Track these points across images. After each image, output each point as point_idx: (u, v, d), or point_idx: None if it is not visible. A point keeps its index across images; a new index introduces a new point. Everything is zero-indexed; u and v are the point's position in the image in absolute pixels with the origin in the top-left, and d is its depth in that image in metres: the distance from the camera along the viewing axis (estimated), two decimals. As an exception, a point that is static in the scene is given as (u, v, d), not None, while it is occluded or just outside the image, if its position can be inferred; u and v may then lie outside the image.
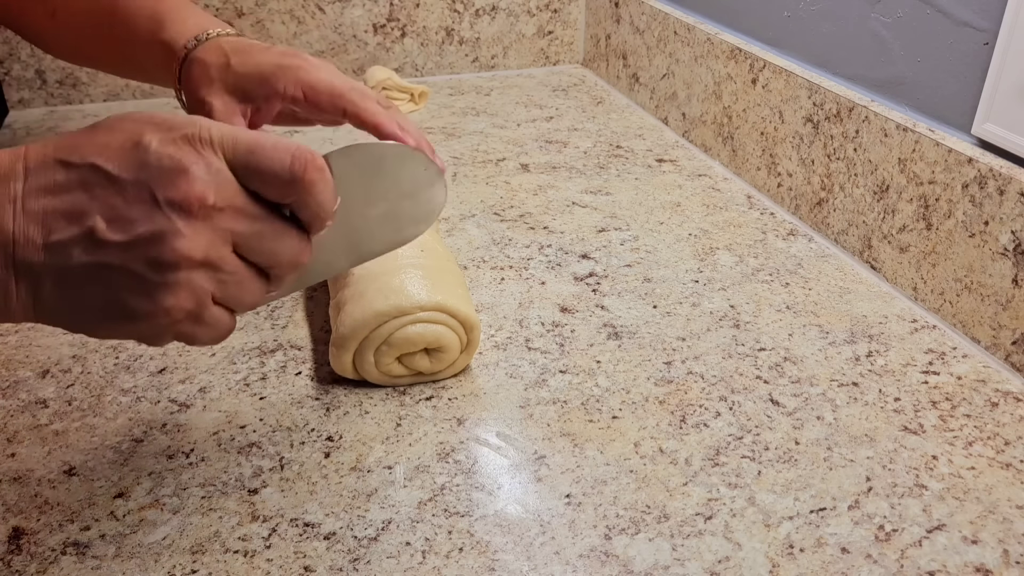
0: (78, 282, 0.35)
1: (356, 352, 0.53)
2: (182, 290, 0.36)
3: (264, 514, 0.45)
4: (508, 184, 0.84)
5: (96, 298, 0.36)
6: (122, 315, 0.36)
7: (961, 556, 0.43)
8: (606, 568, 0.42)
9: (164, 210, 0.35)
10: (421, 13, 1.10)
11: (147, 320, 0.36)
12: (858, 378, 0.56)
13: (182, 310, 0.36)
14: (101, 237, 0.34)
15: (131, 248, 0.35)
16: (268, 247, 0.38)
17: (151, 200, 0.35)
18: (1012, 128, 0.57)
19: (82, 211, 0.35)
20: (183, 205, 0.35)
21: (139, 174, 0.35)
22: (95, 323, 0.37)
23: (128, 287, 0.35)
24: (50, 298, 0.36)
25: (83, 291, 0.35)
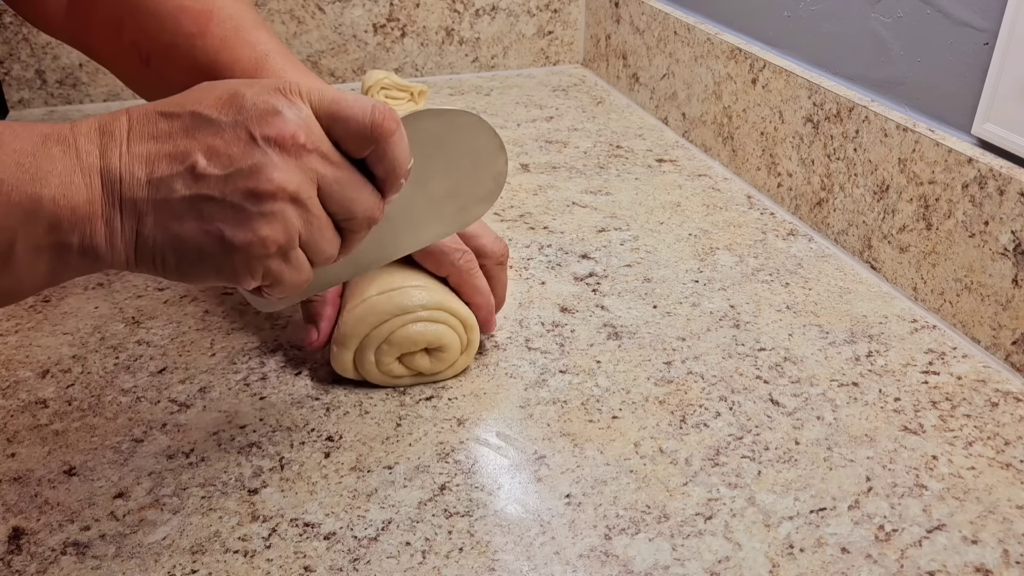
0: (179, 215, 0.37)
1: (357, 351, 0.53)
2: (276, 221, 0.38)
3: (264, 514, 0.45)
4: (508, 184, 0.84)
5: (195, 231, 0.37)
6: (219, 247, 0.38)
7: (961, 556, 0.43)
8: (606, 568, 0.42)
9: (261, 145, 0.37)
10: (421, 13, 1.10)
11: (242, 251, 0.38)
12: (858, 378, 0.56)
13: (275, 242, 0.38)
14: (202, 171, 0.37)
15: (230, 180, 0.37)
16: (348, 195, 0.40)
17: (248, 137, 0.37)
18: (1012, 128, 0.57)
19: (184, 151, 0.37)
20: (278, 141, 0.38)
21: (237, 116, 0.38)
22: (192, 259, 0.38)
23: (226, 218, 0.37)
24: (152, 233, 0.37)
25: (183, 224, 0.37)
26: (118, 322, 0.61)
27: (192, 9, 0.54)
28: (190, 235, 0.38)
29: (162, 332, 0.60)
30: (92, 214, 0.36)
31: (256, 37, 0.54)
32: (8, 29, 0.97)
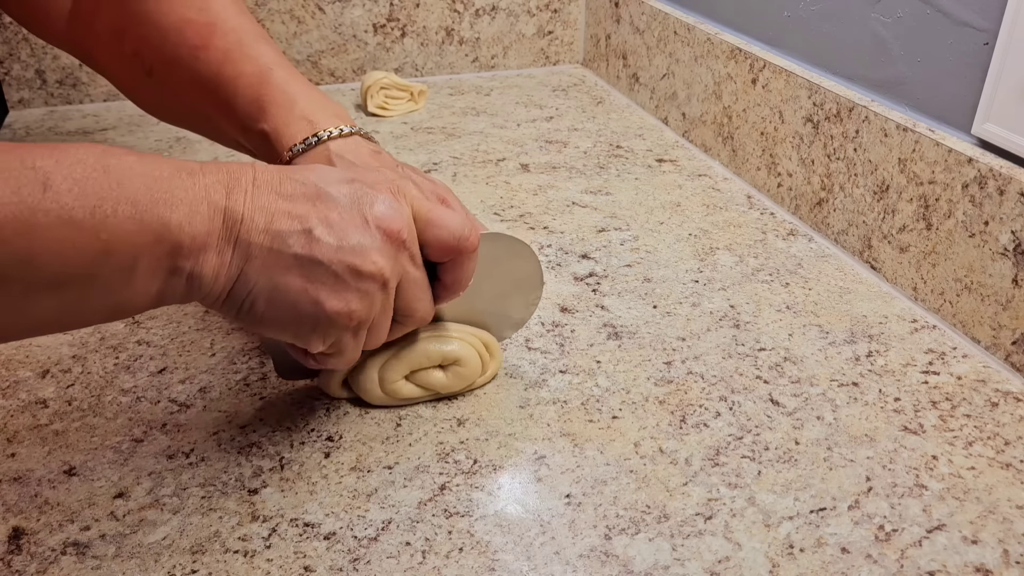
0: (287, 267, 0.40)
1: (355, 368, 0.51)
2: (366, 299, 0.42)
3: (264, 514, 0.45)
4: (508, 184, 0.84)
5: (297, 287, 0.41)
6: (313, 307, 0.41)
7: (961, 556, 0.43)
8: (606, 568, 0.42)
9: (372, 229, 0.41)
10: (421, 13, 1.10)
11: (328, 317, 0.41)
12: (858, 378, 0.56)
13: (358, 317, 0.42)
14: (317, 236, 0.40)
15: (339, 252, 0.40)
16: (416, 296, 0.45)
17: (363, 220, 0.41)
18: (1012, 128, 0.57)
19: (303, 214, 0.40)
20: (387, 232, 0.42)
21: (354, 200, 0.42)
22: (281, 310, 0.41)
23: (326, 283, 0.41)
24: (256, 277, 0.40)
25: (288, 277, 0.40)
26: (118, 322, 0.61)
27: (196, 22, 0.55)
28: (291, 288, 0.40)
29: (162, 332, 0.60)
30: (208, 245, 0.39)
31: (259, 51, 0.55)
32: (8, 29, 0.97)
